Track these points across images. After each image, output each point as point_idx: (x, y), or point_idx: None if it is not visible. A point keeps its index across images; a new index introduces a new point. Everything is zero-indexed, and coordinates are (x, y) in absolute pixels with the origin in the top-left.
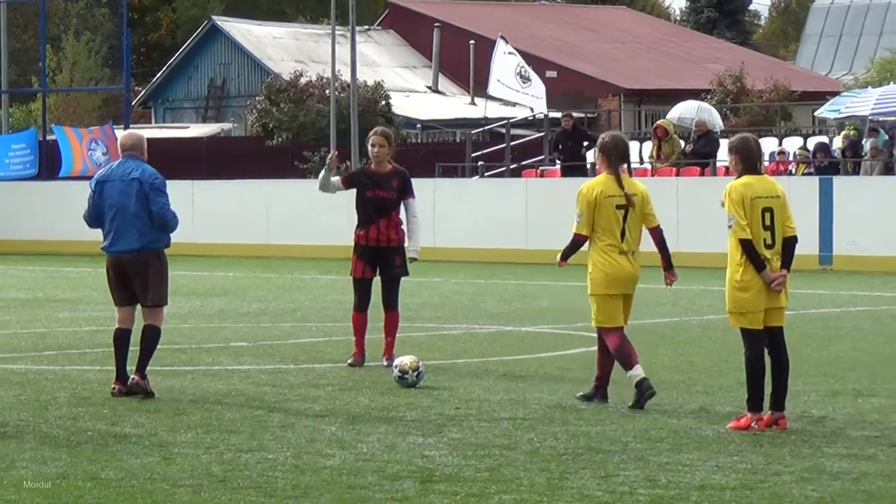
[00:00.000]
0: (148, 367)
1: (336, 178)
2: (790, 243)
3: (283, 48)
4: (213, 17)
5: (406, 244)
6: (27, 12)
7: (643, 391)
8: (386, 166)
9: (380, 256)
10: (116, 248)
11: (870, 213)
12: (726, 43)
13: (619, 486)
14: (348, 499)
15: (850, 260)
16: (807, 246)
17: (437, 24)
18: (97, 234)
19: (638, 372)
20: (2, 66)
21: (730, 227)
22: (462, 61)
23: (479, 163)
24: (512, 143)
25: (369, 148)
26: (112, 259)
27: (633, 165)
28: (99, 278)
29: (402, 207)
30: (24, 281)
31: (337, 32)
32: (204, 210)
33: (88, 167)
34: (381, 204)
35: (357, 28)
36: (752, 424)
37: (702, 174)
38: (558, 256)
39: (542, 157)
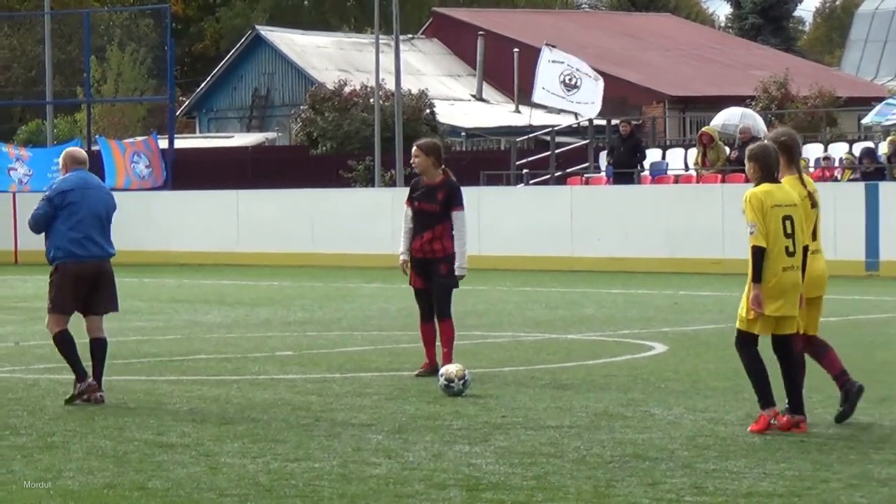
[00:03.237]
0: (181, 377)
1: (407, 229)
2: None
3: (327, 57)
4: (257, 27)
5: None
6: (72, 23)
7: None
8: (435, 177)
9: (426, 267)
10: (90, 253)
11: None
12: (771, 49)
13: (665, 493)
14: None
15: None
16: (853, 252)
17: (480, 32)
18: (144, 246)
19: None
20: (47, 77)
21: (752, 233)
22: (506, 69)
23: (524, 170)
24: (557, 151)
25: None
26: (80, 266)
27: (677, 172)
28: (145, 289)
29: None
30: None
31: (381, 41)
32: (248, 219)
33: (131, 180)
34: (424, 217)
35: (401, 37)
36: (772, 421)
37: (747, 181)
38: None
39: (586, 164)
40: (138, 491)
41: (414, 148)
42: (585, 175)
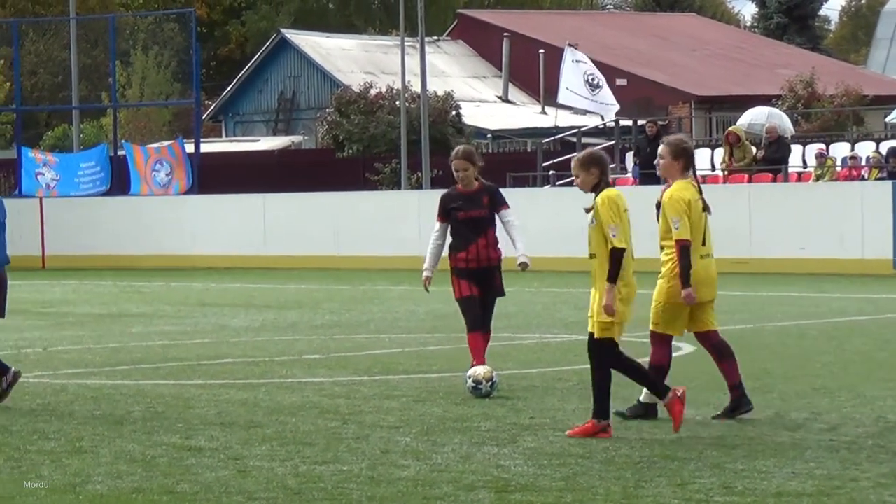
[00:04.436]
0: (209, 381)
1: (435, 245)
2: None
3: (353, 60)
4: (282, 31)
5: (516, 253)
6: (97, 28)
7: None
8: (473, 185)
9: (482, 277)
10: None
11: None
12: (796, 48)
13: (694, 493)
14: None
15: None
16: (881, 250)
17: (506, 33)
18: (170, 250)
19: (655, 400)
20: (73, 82)
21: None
22: (532, 70)
23: (551, 172)
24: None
25: (454, 172)
26: None
27: (704, 172)
28: (172, 293)
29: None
30: (98, 296)
31: (406, 43)
32: (275, 223)
33: (153, 190)
34: (474, 224)
35: (426, 39)
36: (601, 431)
37: (774, 180)
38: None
39: (613, 165)
40: (167, 495)
41: (458, 161)
42: (612, 176)
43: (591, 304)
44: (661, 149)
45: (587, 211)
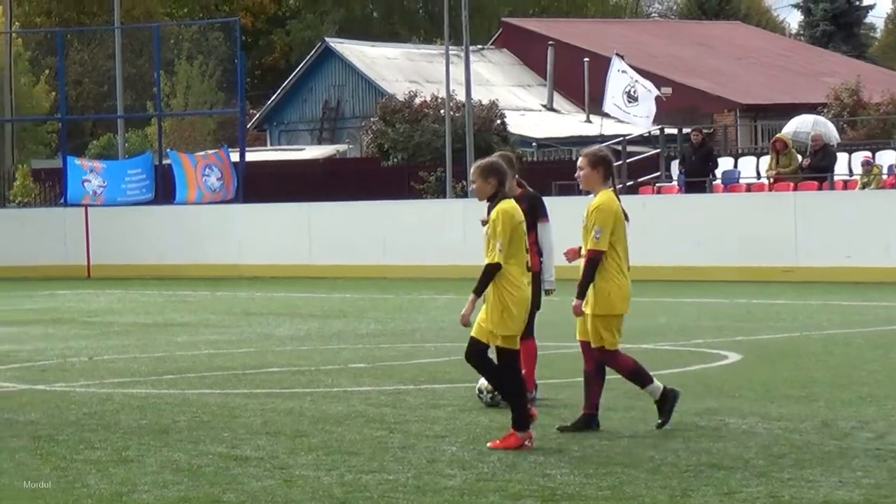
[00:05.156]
0: (255, 390)
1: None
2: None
3: (397, 69)
4: (327, 39)
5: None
6: (141, 37)
7: (673, 399)
8: (514, 191)
9: None
10: None
11: None
12: (842, 56)
13: (741, 502)
14: None
15: None
16: None
17: (550, 42)
18: (215, 259)
19: (658, 384)
20: (118, 91)
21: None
22: (576, 79)
23: None
24: (628, 160)
25: None
26: None
27: (749, 180)
28: (218, 302)
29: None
30: (143, 305)
31: (451, 52)
32: (321, 232)
33: (203, 193)
34: None
35: (471, 47)
36: (526, 443)
37: (819, 188)
38: (576, 301)
39: (658, 173)
40: None
41: (472, 174)
42: (657, 184)
43: (481, 314)
44: (580, 160)
45: (484, 223)
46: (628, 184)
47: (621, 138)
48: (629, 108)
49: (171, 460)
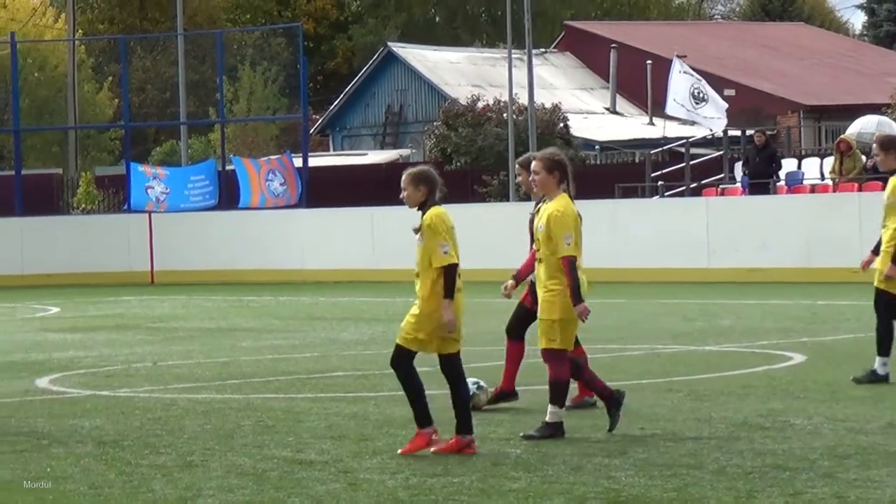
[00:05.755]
0: (319, 395)
1: None
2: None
3: (460, 73)
4: (389, 44)
5: None
6: (204, 44)
7: (555, 431)
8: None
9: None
10: None
11: None
12: None
13: (807, 503)
14: None
15: None
16: None
17: (613, 45)
18: (279, 264)
19: (561, 414)
20: (181, 97)
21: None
22: (639, 81)
23: (659, 182)
24: (692, 162)
25: None
26: None
27: (813, 182)
28: (281, 307)
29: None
30: (207, 311)
31: (513, 56)
32: (384, 237)
33: (266, 198)
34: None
35: (533, 51)
36: (433, 437)
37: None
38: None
39: (722, 175)
40: None
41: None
42: (721, 186)
43: (406, 318)
44: (534, 164)
45: (415, 231)
46: (692, 186)
47: (684, 140)
48: (698, 109)
49: (236, 465)
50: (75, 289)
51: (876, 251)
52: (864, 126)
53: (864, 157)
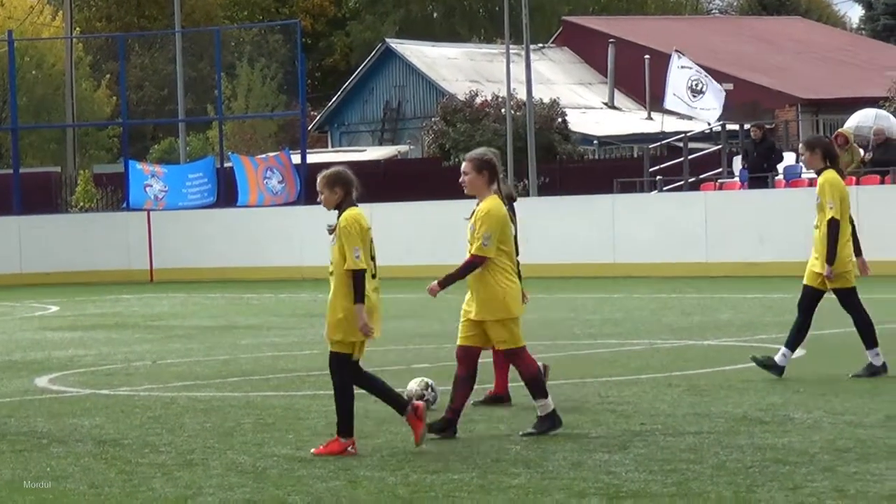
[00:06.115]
0: (318, 392)
1: None
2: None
3: (458, 68)
4: (387, 40)
5: None
6: (202, 40)
7: (552, 424)
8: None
9: None
10: None
11: None
12: None
13: (807, 497)
14: None
15: None
16: None
17: (611, 40)
18: (278, 262)
19: (551, 402)
20: (179, 95)
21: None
22: (637, 76)
23: (658, 177)
24: (690, 157)
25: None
26: None
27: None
28: (281, 304)
29: None
30: (206, 308)
31: (511, 51)
32: (382, 233)
33: (264, 196)
34: None
35: (531, 46)
36: (349, 449)
37: (882, 182)
38: (436, 284)
39: (720, 169)
40: None
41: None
42: (719, 180)
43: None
44: (464, 165)
45: (330, 231)
46: (690, 180)
47: (682, 135)
48: (695, 102)
49: (236, 463)
50: (74, 287)
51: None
52: (861, 120)
53: (861, 151)
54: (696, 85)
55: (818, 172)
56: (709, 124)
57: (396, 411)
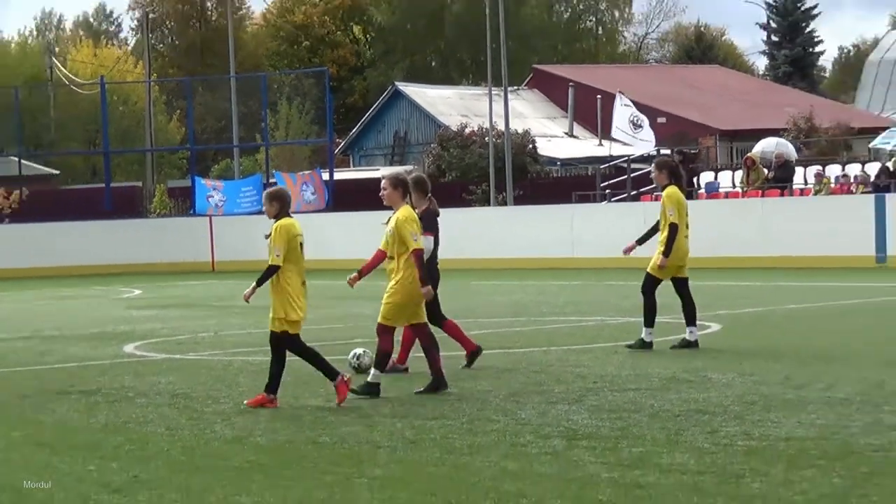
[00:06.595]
0: (340, 357)
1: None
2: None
3: (451, 105)
4: (396, 84)
5: None
6: (251, 83)
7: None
8: (421, 206)
9: None
10: None
11: None
12: (799, 91)
13: (721, 439)
14: (511, 453)
15: None
16: (865, 248)
17: (571, 83)
18: (310, 255)
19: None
20: (233, 126)
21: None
22: (591, 112)
23: (607, 191)
24: (632, 175)
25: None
26: None
27: (726, 189)
28: (312, 289)
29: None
30: (257, 292)
31: (493, 92)
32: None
33: (301, 204)
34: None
35: (509, 88)
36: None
37: (781, 195)
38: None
39: (653, 186)
40: (311, 445)
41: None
42: (655, 193)
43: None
44: (383, 181)
45: (266, 236)
46: (632, 193)
47: (626, 158)
48: (636, 134)
49: (280, 411)
50: (153, 275)
51: (640, 241)
52: (765, 146)
53: (765, 171)
54: (636, 120)
55: (663, 188)
56: (646, 151)
57: (327, 377)
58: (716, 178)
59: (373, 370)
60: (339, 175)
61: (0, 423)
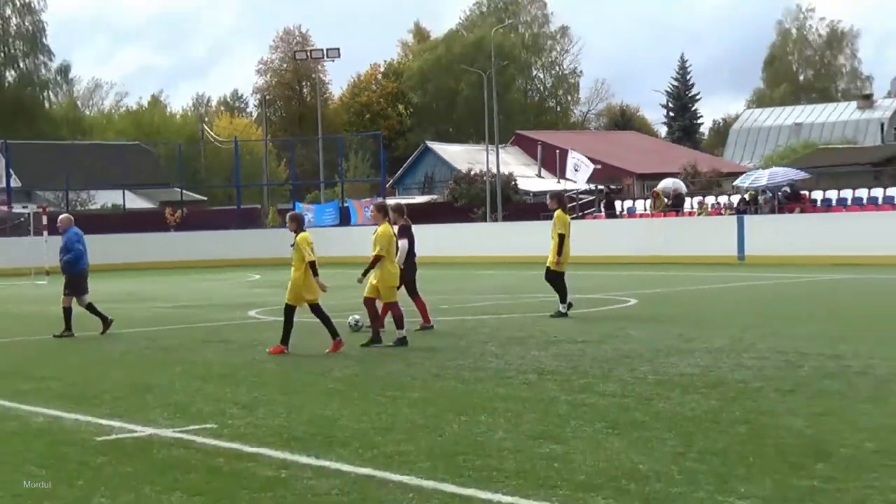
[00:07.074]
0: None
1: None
2: None
3: (462, 156)
4: (427, 142)
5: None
6: (331, 141)
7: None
8: (399, 223)
9: None
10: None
11: (765, 232)
12: (687, 148)
13: (639, 375)
14: (501, 383)
15: (756, 258)
16: (731, 250)
17: (539, 143)
18: (367, 252)
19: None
20: (321, 169)
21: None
22: (553, 162)
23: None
24: (580, 202)
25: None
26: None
27: (641, 212)
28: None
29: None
30: (339, 278)
31: (489, 148)
32: (425, 242)
33: (364, 220)
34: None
35: (500, 146)
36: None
37: (677, 215)
38: (361, 275)
39: (594, 208)
40: (370, 377)
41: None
42: (594, 214)
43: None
44: (371, 208)
45: (292, 245)
46: (579, 214)
47: (574, 190)
48: (577, 176)
49: (348, 354)
50: (267, 266)
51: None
52: (665, 184)
53: (666, 200)
54: (577, 167)
55: (553, 210)
56: (585, 187)
57: (331, 334)
58: (633, 204)
59: (397, 330)
60: (390, 201)
61: (166, 362)
